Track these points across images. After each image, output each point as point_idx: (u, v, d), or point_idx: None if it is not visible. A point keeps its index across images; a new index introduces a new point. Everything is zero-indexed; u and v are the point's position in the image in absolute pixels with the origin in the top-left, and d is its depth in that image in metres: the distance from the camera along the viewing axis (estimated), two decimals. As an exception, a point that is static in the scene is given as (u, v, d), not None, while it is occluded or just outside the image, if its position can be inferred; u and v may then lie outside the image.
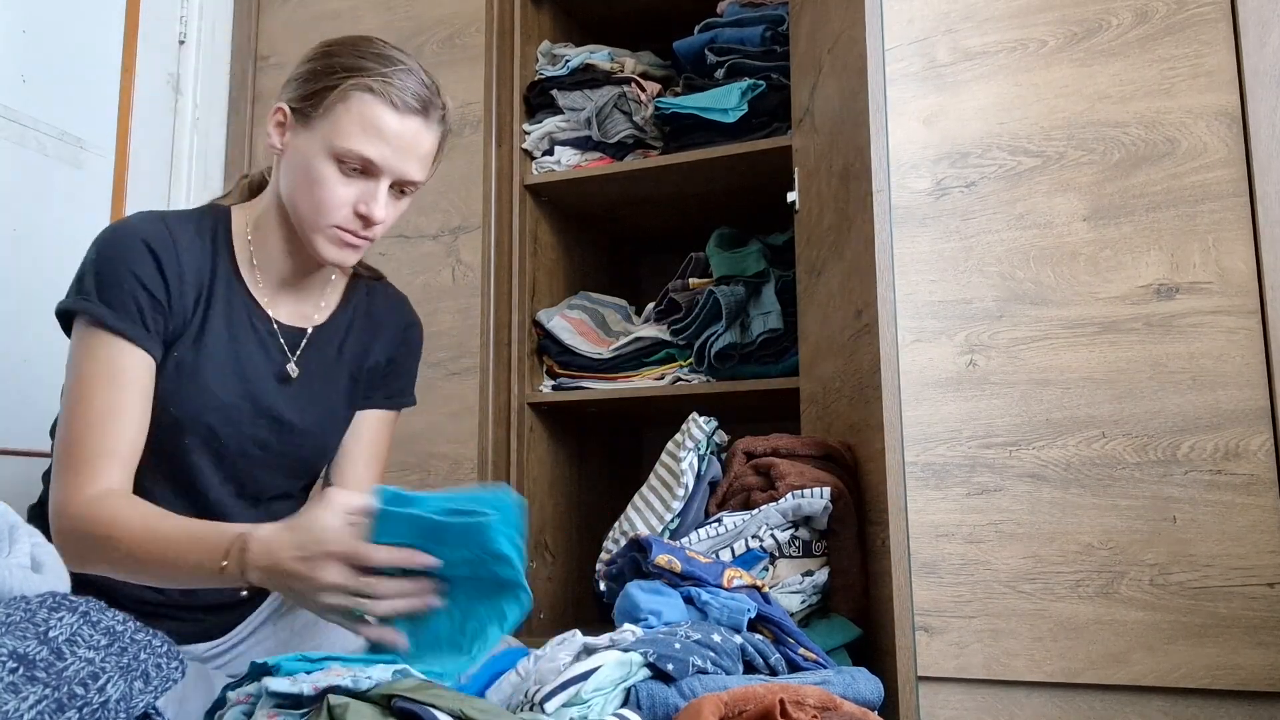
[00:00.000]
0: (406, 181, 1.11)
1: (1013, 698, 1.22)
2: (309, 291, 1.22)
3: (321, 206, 1.09)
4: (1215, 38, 1.22)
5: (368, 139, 1.07)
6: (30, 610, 0.72)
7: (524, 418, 1.90)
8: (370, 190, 1.09)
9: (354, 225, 1.10)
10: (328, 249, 1.12)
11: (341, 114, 1.07)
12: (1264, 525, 1.14)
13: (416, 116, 1.09)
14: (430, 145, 1.12)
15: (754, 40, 1.87)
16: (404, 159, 1.09)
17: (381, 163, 1.08)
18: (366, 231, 1.11)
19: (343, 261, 1.14)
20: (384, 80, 1.07)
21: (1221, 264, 1.19)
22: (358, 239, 1.12)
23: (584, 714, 0.85)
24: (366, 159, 1.07)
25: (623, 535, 1.30)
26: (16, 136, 1.68)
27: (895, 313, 1.15)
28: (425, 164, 1.12)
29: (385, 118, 1.07)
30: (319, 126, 1.08)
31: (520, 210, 1.94)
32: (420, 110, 1.09)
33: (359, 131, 1.06)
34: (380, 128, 1.07)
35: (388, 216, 1.12)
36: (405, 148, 1.09)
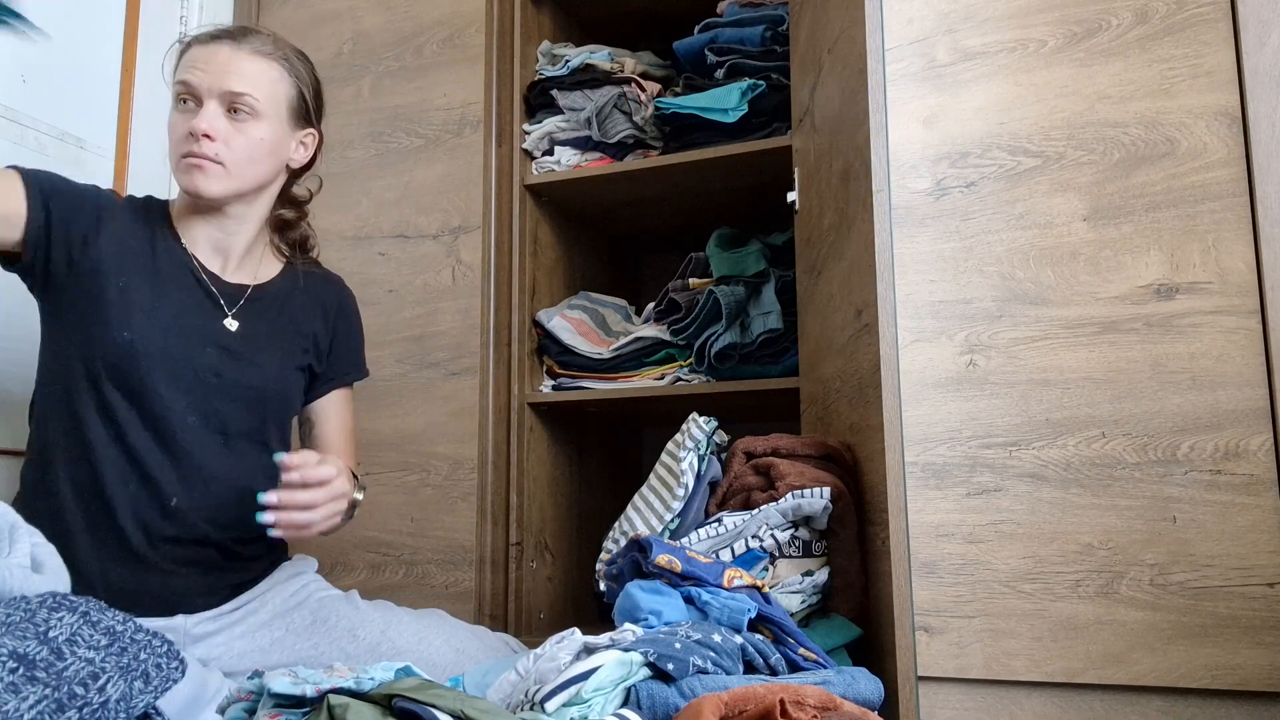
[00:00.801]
0: (231, 94, 1.24)
1: (1013, 698, 1.22)
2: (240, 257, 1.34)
3: (171, 145, 1.26)
4: (1215, 38, 1.22)
5: (183, 70, 1.25)
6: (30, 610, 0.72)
7: (524, 418, 1.90)
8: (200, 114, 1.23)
9: (191, 145, 1.23)
10: (183, 178, 1.25)
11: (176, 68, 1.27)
12: (1264, 525, 1.14)
13: (223, 42, 1.25)
14: (247, 65, 1.25)
15: (754, 40, 1.87)
16: (217, 76, 1.23)
17: (196, 83, 1.23)
18: (204, 149, 1.23)
19: (196, 187, 1.24)
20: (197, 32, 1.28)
21: (1221, 264, 1.19)
22: (198, 157, 1.23)
23: (584, 714, 0.85)
24: (184, 83, 1.24)
25: (623, 535, 1.30)
26: (16, 136, 1.68)
27: (895, 313, 1.15)
28: (246, 80, 1.25)
29: (193, 51, 1.26)
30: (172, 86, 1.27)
31: (520, 210, 1.94)
32: (228, 37, 1.26)
33: (181, 70, 1.25)
34: (191, 59, 1.25)
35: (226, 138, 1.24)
36: (216, 68, 1.23)
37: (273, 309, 1.35)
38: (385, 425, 1.83)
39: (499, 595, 1.78)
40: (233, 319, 1.30)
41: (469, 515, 1.75)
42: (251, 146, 1.26)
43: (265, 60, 1.27)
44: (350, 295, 1.47)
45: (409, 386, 1.83)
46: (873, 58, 1.16)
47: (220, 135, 1.23)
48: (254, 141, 1.26)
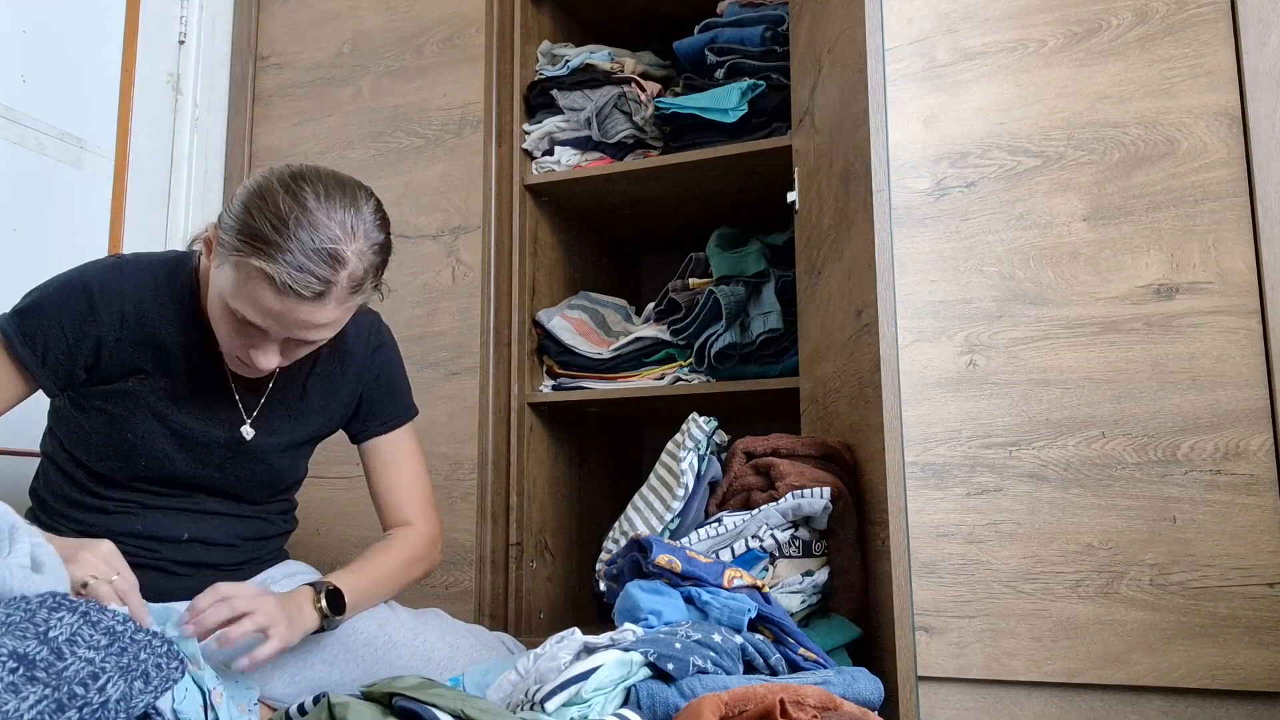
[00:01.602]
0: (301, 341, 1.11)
1: (1013, 698, 1.22)
2: None
3: (220, 337, 1.13)
4: (1215, 38, 1.22)
5: (251, 309, 1.06)
6: (30, 610, 0.72)
7: (524, 418, 1.90)
8: (258, 340, 1.09)
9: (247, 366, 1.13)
10: (237, 367, 1.16)
11: (233, 273, 1.05)
12: (1264, 525, 1.14)
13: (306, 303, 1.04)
14: (327, 317, 1.08)
15: (754, 40, 1.87)
16: (290, 329, 1.07)
17: (268, 329, 1.07)
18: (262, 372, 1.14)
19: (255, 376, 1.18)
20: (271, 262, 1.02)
21: (1221, 264, 1.19)
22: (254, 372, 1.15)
23: (584, 713, 0.85)
24: (247, 322, 1.07)
25: (623, 535, 1.30)
26: (16, 136, 1.68)
27: (895, 313, 1.15)
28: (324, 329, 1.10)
29: (267, 297, 1.04)
30: (223, 270, 1.07)
31: (520, 210, 1.94)
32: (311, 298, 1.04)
33: (245, 301, 1.05)
34: (262, 304, 1.05)
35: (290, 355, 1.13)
36: (291, 324, 1.07)
37: (293, 389, 1.27)
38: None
39: (499, 595, 1.78)
40: (250, 426, 1.23)
41: (469, 515, 1.75)
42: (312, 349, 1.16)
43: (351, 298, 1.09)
44: (387, 335, 1.38)
45: (409, 386, 1.83)
46: (873, 58, 1.16)
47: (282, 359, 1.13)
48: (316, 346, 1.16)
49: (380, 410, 1.35)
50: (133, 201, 1.88)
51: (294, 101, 2.03)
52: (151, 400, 1.18)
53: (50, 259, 1.71)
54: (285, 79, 2.05)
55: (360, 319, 1.30)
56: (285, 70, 2.06)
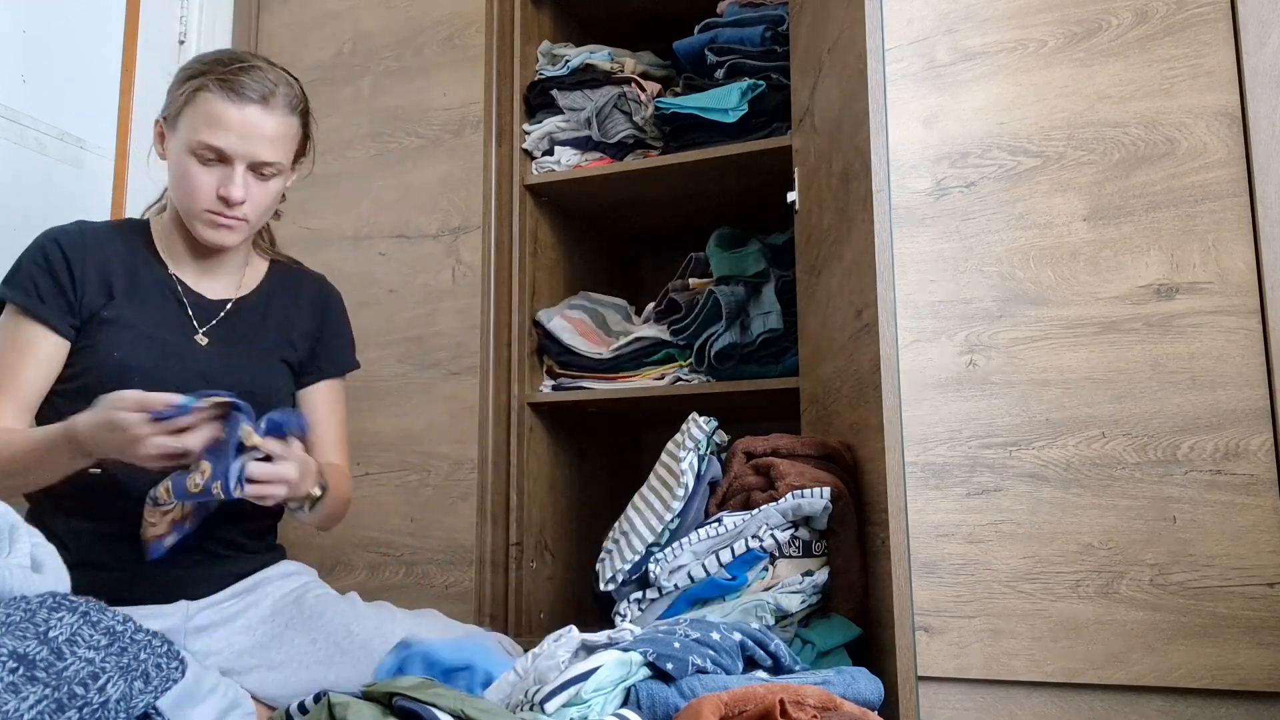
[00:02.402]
0: (260, 162, 1.26)
1: (1013, 698, 1.22)
2: (224, 271, 1.37)
3: (190, 196, 1.26)
4: (1215, 38, 1.22)
5: (211, 130, 1.23)
6: (30, 610, 0.72)
7: (524, 418, 1.90)
8: (226, 174, 1.24)
9: (218, 207, 1.26)
10: (204, 232, 1.28)
11: (190, 114, 1.24)
12: (1264, 525, 1.14)
13: (253, 105, 1.24)
14: (275, 128, 1.26)
15: (754, 40, 1.87)
16: (248, 143, 1.24)
17: (228, 149, 1.23)
18: (233, 211, 1.26)
19: (220, 241, 1.29)
20: (219, 79, 1.23)
21: (1221, 264, 1.19)
22: (226, 219, 1.27)
23: (584, 714, 0.85)
24: (214, 147, 1.23)
25: (622, 535, 1.30)
26: (16, 136, 1.68)
27: (895, 313, 1.15)
28: (275, 145, 1.26)
29: (223, 109, 1.23)
30: (180, 129, 1.26)
31: (520, 210, 1.94)
32: (257, 99, 1.24)
33: (204, 126, 1.23)
34: (220, 118, 1.23)
35: (251, 196, 1.27)
36: (248, 133, 1.23)
37: (254, 316, 1.38)
38: (385, 425, 1.83)
39: (499, 595, 1.78)
40: (203, 335, 1.33)
41: (469, 515, 1.75)
42: (269, 200, 1.31)
43: (288, 117, 1.28)
44: (334, 291, 1.49)
45: (409, 386, 1.83)
46: (873, 58, 1.16)
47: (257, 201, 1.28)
48: (271, 195, 1.30)
49: (329, 353, 1.45)
50: (133, 202, 1.87)
51: (294, 101, 2.03)
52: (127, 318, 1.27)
53: (50, 259, 1.71)
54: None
55: (309, 274, 1.48)
56: (285, 70, 2.05)
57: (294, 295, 1.44)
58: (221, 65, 1.25)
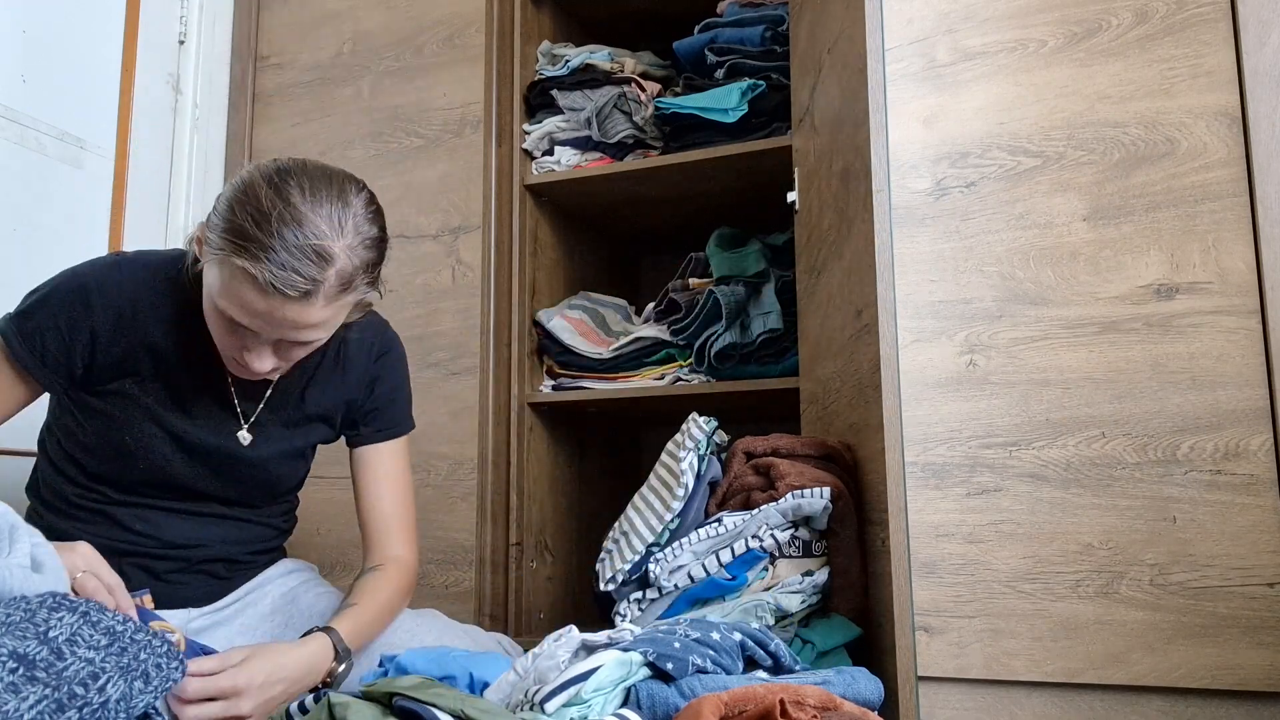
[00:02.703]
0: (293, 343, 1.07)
1: (1013, 698, 1.22)
2: None
3: (216, 340, 1.10)
4: (1215, 38, 1.22)
5: (238, 310, 1.03)
6: (30, 610, 0.72)
7: (524, 418, 1.90)
8: (250, 342, 1.06)
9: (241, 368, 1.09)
10: (234, 369, 1.12)
11: (219, 272, 1.03)
12: (1264, 525, 1.14)
13: (293, 302, 1.00)
14: (317, 316, 1.03)
15: (754, 40, 1.87)
16: (279, 329, 1.03)
17: (258, 330, 1.04)
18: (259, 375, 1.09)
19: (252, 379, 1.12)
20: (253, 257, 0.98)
21: (1221, 264, 1.19)
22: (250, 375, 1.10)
23: (584, 714, 0.85)
24: (234, 322, 1.04)
25: (622, 535, 1.30)
26: (16, 136, 1.68)
27: (895, 313, 1.15)
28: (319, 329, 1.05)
29: (252, 298, 1.00)
30: (211, 270, 1.05)
31: (520, 210, 1.94)
32: (299, 297, 1.00)
33: (231, 300, 1.02)
34: (244, 302, 1.01)
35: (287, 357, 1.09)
36: (279, 324, 1.03)
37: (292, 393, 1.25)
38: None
39: (499, 595, 1.78)
40: (247, 432, 1.21)
41: (469, 515, 1.75)
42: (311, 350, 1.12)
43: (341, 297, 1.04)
44: (395, 342, 1.34)
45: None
46: (873, 58, 1.16)
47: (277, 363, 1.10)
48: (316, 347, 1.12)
49: (380, 415, 1.31)
50: (133, 201, 1.87)
51: (294, 101, 2.03)
52: (148, 403, 1.17)
53: (50, 259, 1.71)
54: (285, 79, 2.05)
55: (367, 326, 1.26)
56: (285, 70, 2.06)
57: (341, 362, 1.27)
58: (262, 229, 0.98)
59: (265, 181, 1.02)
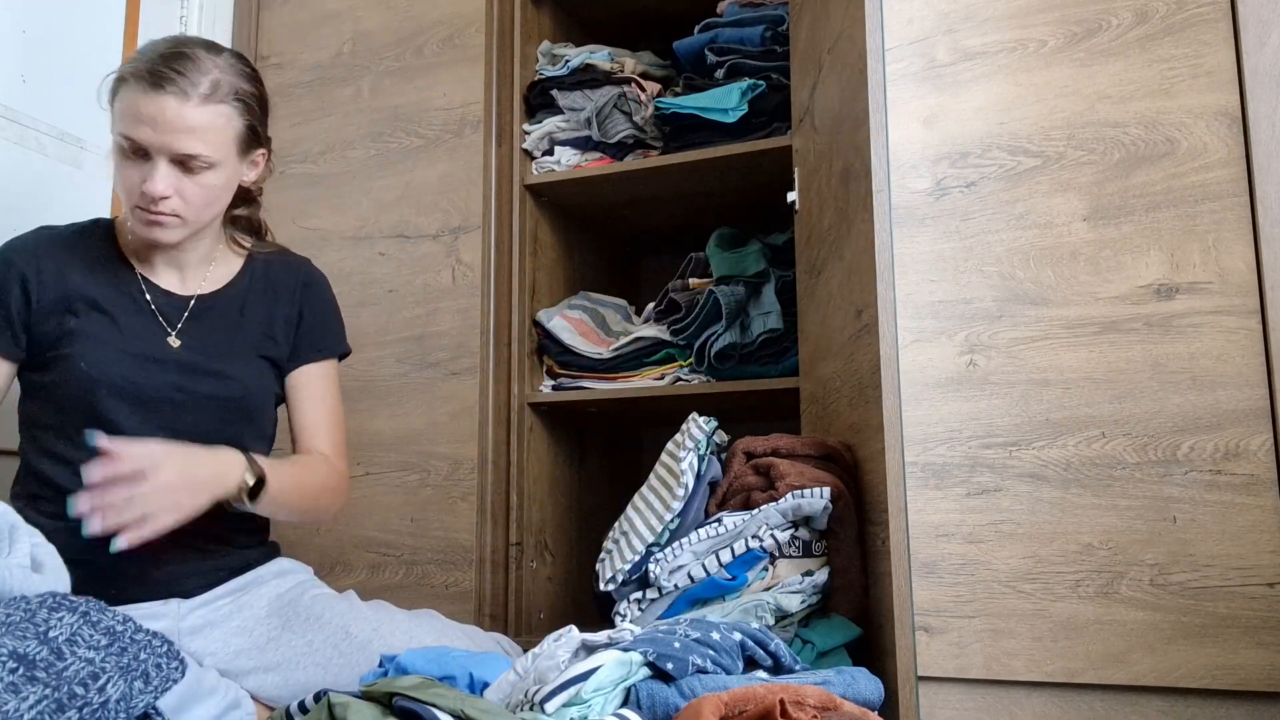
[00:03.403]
0: (183, 154, 1.19)
1: (1013, 698, 1.22)
2: (190, 267, 1.34)
3: (122, 192, 1.23)
4: (1215, 38, 1.22)
5: (128, 122, 1.18)
6: (30, 610, 0.72)
7: (524, 418, 1.89)
8: (147, 169, 1.19)
9: (145, 203, 1.20)
10: (139, 229, 1.24)
11: (116, 107, 1.21)
12: (1264, 525, 1.14)
13: (166, 93, 1.17)
14: (198, 119, 1.19)
15: (754, 40, 1.87)
16: (165, 134, 1.17)
17: (145, 142, 1.18)
18: (159, 207, 1.20)
19: (155, 239, 1.24)
20: (134, 67, 1.19)
21: (1221, 264, 1.19)
22: (154, 214, 1.21)
23: (584, 714, 0.85)
24: (131, 139, 1.18)
25: (622, 535, 1.30)
26: (16, 136, 1.68)
27: (895, 313, 1.15)
28: (199, 137, 1.19)
29: (138, 101, 1.17)
30: (113, 124, 1.22)
31: (520, 210, 1.94)
32: (171, 85, 1.17)
33: (123, 118, 1.19)
34: (135, 110, 1.17)
35: (182, 191, 1.21)
36: (163, 125, 1.17)
37: (229, 312, 1.35)
38: (385, 425, 1.83)
39: (499, 595, 1.78)
40: (176, 336, 1.30)
41: (469, 515, 1.75)
42: (207, 193, 1.24)
43: (214, 105, 1.20)
44: (318, 274, 1.46)
45: (409, 386, 1.83)
46: (873, 58, 1.16)
47: (175, 192, 1.21)
48: (209, 189, 1.24)
49: (312, 336, 1.41)
50: (133, 201, 1.87)
51: (294, 101, 2.03)
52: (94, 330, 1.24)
53: (50, 259, 1.71)
54: (285, 79, 2.05)
55: (290, 261, 1.43)
56: (285, 70, 2.06)
57: (271, 286, 1.39)
58: (148, 56, 1.20)
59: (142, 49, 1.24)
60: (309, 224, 1.95)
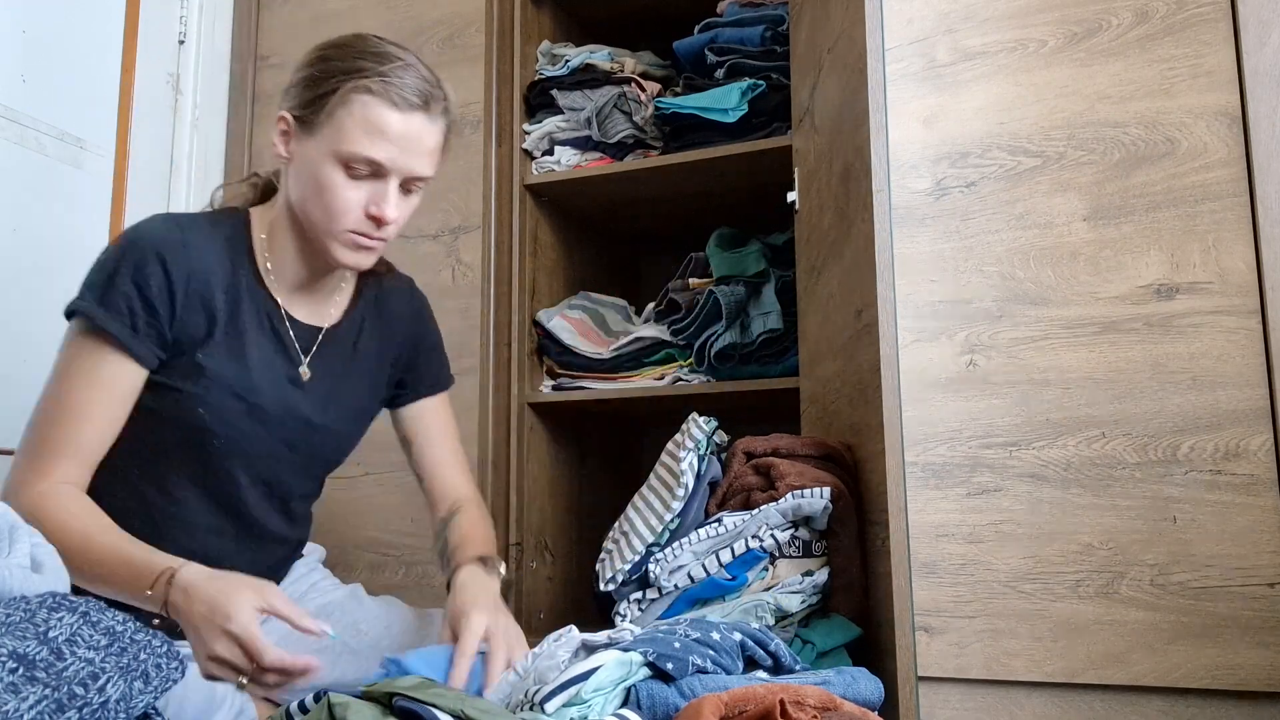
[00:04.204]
0: (415, 178, 1.12)
1: (1013, 698, 1.22)
2: (323, 293, 1.23)
3: (333, 212, 1.10)
4: (1215, 38, 1.22)
5: (372, 141, 1.07)
6: (30, 610, 0.72)
7: (524, 418, 1.89)
8: (380, 191, 1.10)
9: (366, 227, 1.11)
10: (343, 253, 1.13)
11: (344, 118, 1.07)
12: (1264, 525, 1.14)
13: (419, 112, 1.09)
14: (435, 139, 1.12)
15: (754, 40, 1.87)
16: (410, 156, 1.09)
17: (389, 163, 1.08)
18: (379, 232, 1.12)
19: (359, 264, 1.15)
20: (383, 79, 1.07)
21: (1221, 264, 1.19)
22: (372, 240, 1.12)
23: (584, 714, 0.85)
24: (374, 161, 1.07)
25: (622, 535, 1.30)
26: (16, 136, 1.68)
27: (895, 313, 1.15)
28: (432, 158, 1.13)
29: (388, 117, 1.07)
30: (323, 132, 1.08)
31: (520, 210, 1.94)
32: (422, 105, 1.09)
33: (362, 134, 1.07)
34: (383, 128, 1.07)
35: (400, 215, 1.13)
36: (410, 145, 1.09)
37: (346, 345, 1.26)
38: (385, 425, 1.83)
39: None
40: (306, 367, 1.20)
41: (469, 515, 1.75)
42: (409, 216, 1.17)
43: (442, 124, 1.14)
44: (422, 298, 1.38)
45: (409, 386, 1.82)
46: (873, 58, 1.16)
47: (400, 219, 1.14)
48: (413, 211, 1.17)
49: (429, 371, 1.34)
50: (133, 201, 1.87)
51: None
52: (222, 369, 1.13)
53: (50, 259, 1.71)
54: (285, 79, 2.04)
55: (399, 282, 1.34)
56: (285, 70, 2.05)
57: (385, 318, 1.30)
58: (379, 60, 1.09)
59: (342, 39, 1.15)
60: (309, 224, 1.95)
